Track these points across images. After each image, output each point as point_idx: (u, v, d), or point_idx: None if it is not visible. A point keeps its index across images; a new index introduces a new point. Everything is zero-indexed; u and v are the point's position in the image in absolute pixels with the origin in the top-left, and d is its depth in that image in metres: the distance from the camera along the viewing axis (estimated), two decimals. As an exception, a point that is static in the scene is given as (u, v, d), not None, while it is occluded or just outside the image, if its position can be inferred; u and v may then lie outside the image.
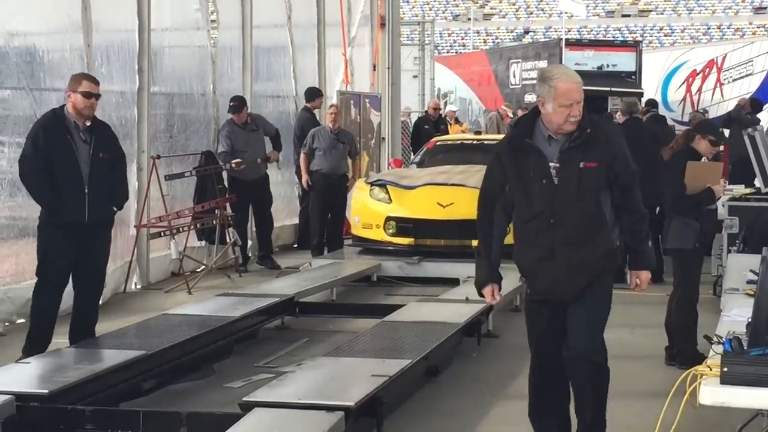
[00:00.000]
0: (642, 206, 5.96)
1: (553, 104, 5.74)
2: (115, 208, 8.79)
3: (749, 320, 4.78)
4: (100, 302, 11.05)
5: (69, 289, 8.72)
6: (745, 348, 4.54)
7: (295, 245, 16.32)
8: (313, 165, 14.68)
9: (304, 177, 14.83)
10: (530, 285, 6.04)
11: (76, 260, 8.53)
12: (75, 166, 8.36)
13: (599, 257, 5.81)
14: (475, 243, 12.88)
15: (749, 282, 6.63)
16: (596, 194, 5.75)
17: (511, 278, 11.56)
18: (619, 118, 14.34)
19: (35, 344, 8.39)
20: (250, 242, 14.62)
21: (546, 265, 5.83)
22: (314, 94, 16.21)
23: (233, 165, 13.67)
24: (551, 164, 5.74)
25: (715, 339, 4.88)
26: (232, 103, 13.90)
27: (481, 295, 6.12)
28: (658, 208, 10.99)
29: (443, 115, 24.46)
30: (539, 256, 5.84)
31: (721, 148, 9.59)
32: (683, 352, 8.62)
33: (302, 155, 14.77)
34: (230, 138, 13.87)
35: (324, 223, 14.85)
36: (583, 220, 5.74)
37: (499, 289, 6.08)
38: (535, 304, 6.07)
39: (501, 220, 5.97)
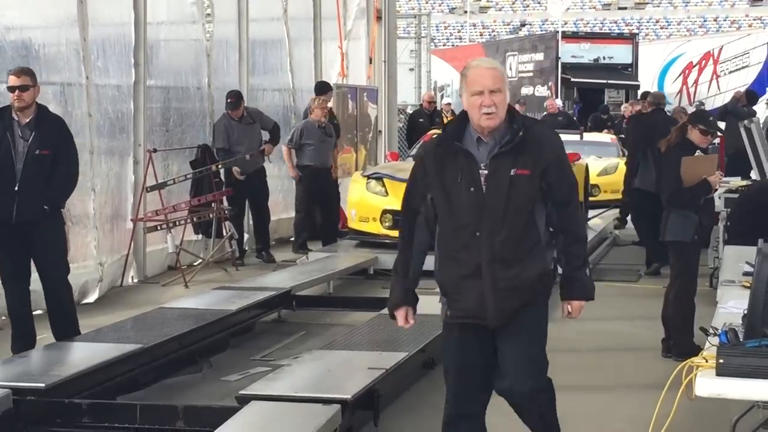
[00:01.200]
0: (582, 227, 5.37)
1: (466, 95, 5.16)
2: (46, 207, 8.29)
3: (745, 312, 4.79)
4: (97, 296, 11.16)
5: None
6: (741, 340, 4.55)
7: (293, 238, 16.32)
8: (303, 159, 14.62)
9: (292, 171, 14.77)
10: (451, 306, 5.25)
11: (33, 260, 8.42)
12: (9, 163, 8.16)
13: (531, 279, 5.15)
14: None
15: (745, 274, 6.64)
16: (529, 206, 5.09)
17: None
18: (646, 107, 14.50)
19: (20, 342, 8.37)
20: (246, 236, 14.62)
21: (470, 284, 5.11)
22: (324, 88, 16.18)
23: (236, 173, 13.74)
24: (481, 171, 5.08)
25: (711, 331, 4.88)
26: (229, 100, 13.89)
27: (393, 318, 5.45)
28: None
29: (438, 108, 24.42)
30: (463, 274, 5.12)
31: (717, 140, 9.62)
32: (680, 344, 8.64)
33: (288, 149, 14.66)
34: (227, 132, 13.87)
35: (313, 218, 14.87)
36: (514, 235, 5.07)
37: (414, 313, 5.41)
38: (456, 328, 5.29)
39: (423, 234, 5.27)
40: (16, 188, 8.17)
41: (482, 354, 5.27)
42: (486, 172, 5.08)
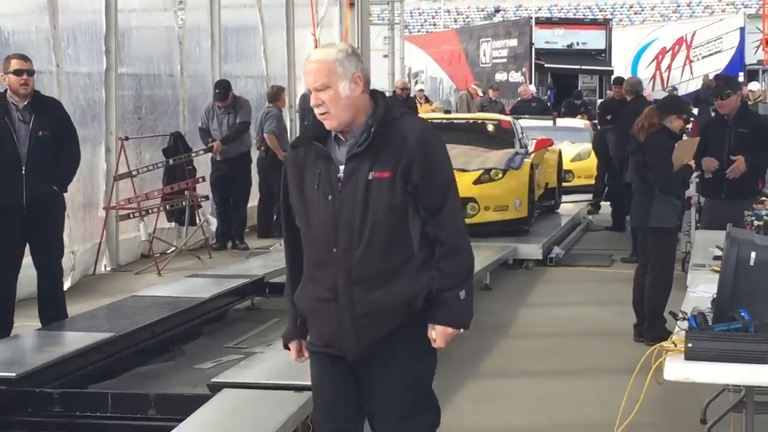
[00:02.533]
0: (460, 238, 4.35)
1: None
2: (55, 188, 8.51)
3: (714, 296, 4.81)
4: (70, 284, 11.11)
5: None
6: (710, 324, 4.56)
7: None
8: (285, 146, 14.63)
9: (282, 154, 14.77)
10: (310, 331, 4.50)
11: (29, 244, 8.48)
12: (13, 147, 8.20)
13: (396, 305, 4.28)
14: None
15: (715, 258, 6.66)
16: (393, 215, 4.26)
17: (480, 256, 11.69)
18: (619, 94, 14.52)
19: None
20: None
21: (327, 308, 4.34)
22: None
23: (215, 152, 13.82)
24: (339, 175, 4.31)
25: (680, 315, 4.89)
26: (216, 90, 13.92)
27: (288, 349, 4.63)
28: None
29: (412, 95, 24.42)
30: (319, 296, 4.36)
31: (689, 126, 9.70)
32: (653, 328, 8.67)
33: (271, 136, 14.59)
34: (207, 114, 13.98)
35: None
36: (375, 251, 4.26)
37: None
38: (316, 355, 4.51)
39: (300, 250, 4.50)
40: (23, 171, 8.23)
41: (347, 386, 4.46)
42: (342, 176, 4.31)
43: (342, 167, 4.30)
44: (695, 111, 21.70)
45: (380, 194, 4.25)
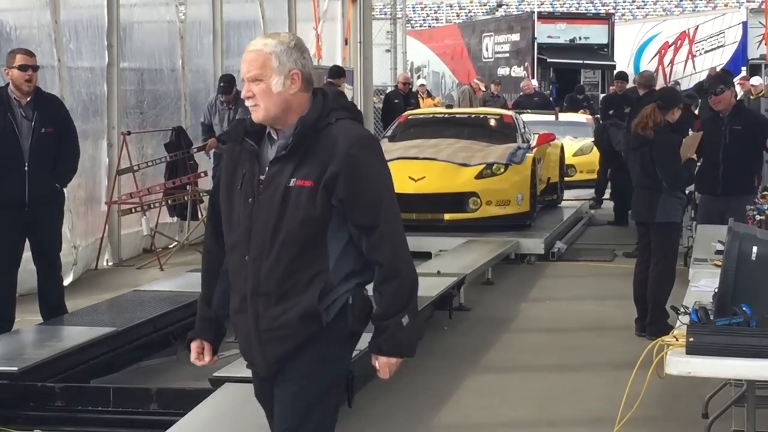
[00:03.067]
0: (400, 261, 3.97)
1: None
2: (57, 185, 8.54)
3: (716, 290, 4.81)
4: (72, 279, 11.11)
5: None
6: (712, 318, 4.56)
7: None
8: None
9: None
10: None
11: (29, 240, 8.48)
12: (15, 144, 8.20)
13: (297, 320, 3.96)
14: (447, 216, 13.15)
15: (717, 252, 6.66)
16: (310, 228, 3.93)
17: (482, 250, 11.71)
18: (638, 89, 14.48)
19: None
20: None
21: (239, 320, 4.10)
22: (339, 73, 16.71)
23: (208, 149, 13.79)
24: (263, 177, 4.02)
25: (681, 309, 4.89)
26: (221, 84, 13.88)
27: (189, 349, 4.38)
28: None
29: (414, 90, 24.40)
30: (235, 306, 4.11)
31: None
32: (655, 323, 8.67)
33: None
34: (209, 110, 13.95)
35: None
36: (283, 264, 3.95)
37: (213, 349, 4.34)
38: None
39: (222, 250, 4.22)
40: (26, 168, 8.23)
41: (270, 406, 4.19)
42: (263, 177, 4.02)
43: (267, 169, 4.01)
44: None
45: (298, 204, 3.93)
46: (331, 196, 3.91)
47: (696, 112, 16.27)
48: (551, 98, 28.96)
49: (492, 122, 15.71)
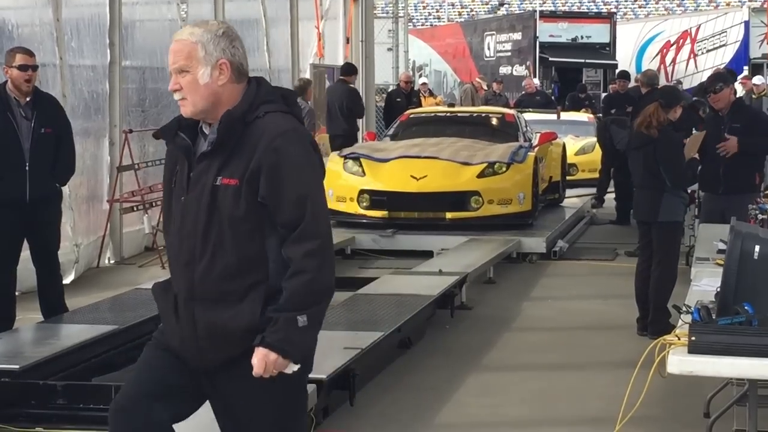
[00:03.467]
0: (315, 260, 3.70)
1: None
2: (57, 185, 8.65)
3: (718, 289, 4.80)
4: (73, 277, 11.11)
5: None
6: (714, 317, 4.56)
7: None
8: None
9: None
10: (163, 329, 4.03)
11: (28, 238, 8.49)
12: (16, 143, 8.20)
13: (240, 330, 3.75)
14: (449, 215, 13.14)
15: (719, 251, 6.65)
16: (241, 229, 3.72)
17: (484, 249, 11.70)
18: (641, 87, 14.44)
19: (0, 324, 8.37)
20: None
21: (170, 319, 3.92)
22: (351, 70, 17.00)
23: None
24: (192, 173, 3.83)
25: (683, 309, 4.89)
26: None
27: None
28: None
29: (416, 88, 24.42)
30: (166, 305, 3.94)
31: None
32: (657, 322, 8.66)
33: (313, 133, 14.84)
34: None
35: None
36: (217, 268, 3.75)
37: None
38: (160, 348, 4.01)
39: None
40: (27, 167, 8.24)
41: (171, 380, 3.97)
42: (193, 176, 3.82)
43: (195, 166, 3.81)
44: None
45: (225, 203, 3.71)
46: (256, 195, 3.70)
47: (703, 116, 16.23)
48: (553, 97, 28.95)
49: (494, 121, 15.70)
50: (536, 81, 28.54)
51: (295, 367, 3.75)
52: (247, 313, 3.72)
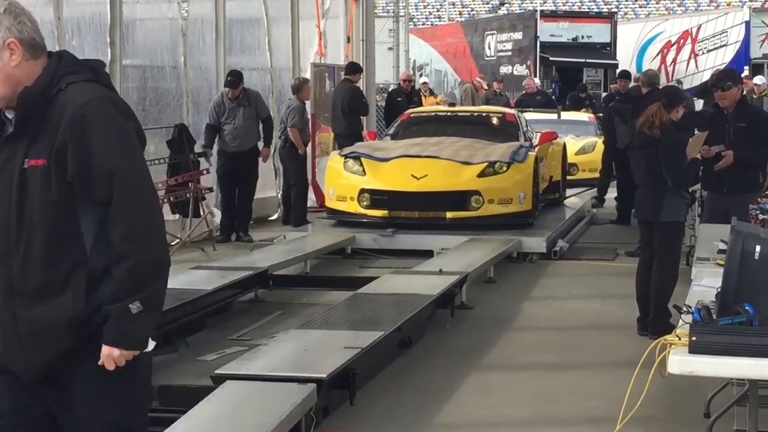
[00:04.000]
0: (135, 242, 3.53)
1: None
2: None
3: (718, 290, 4.80)
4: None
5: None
6: (714, 317, 4.55)
7: (271, 218, 16.33)
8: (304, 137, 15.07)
9: (303, 148, 15.04)
10: None
11: None
12: None
13: (62, 323, 3.53)
14: (449, 215, 13.14)
15: (720, 252, 6.65)
16: (52, 213, 3.51)
17: (484, 249, 11.70)
18: (642, 87, 14.41)
19: None
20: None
21: None
22: (355, 69, 17.22)
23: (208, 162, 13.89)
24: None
25: (684, 309, 4.89)
26: (229, 78, 13.99)
27: None
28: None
29: (416, 88, 24.42)
30: None
31: None
32: (658, 322, 8.65)
33: (294, 130, 14.83)
34: (215, 110, 13.97)
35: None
36: (36, 258, 3.53)
37: None
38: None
39: None
40: None
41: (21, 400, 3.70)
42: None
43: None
44: (701, 102, 21.70)
45: (35, 187, 3.49)
46: (65, 173, 3.47)
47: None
48: (554, 97, 28.93)
49: (494, 121, 15.70)
50: (537, 80, 28.54)
51: (151, 346, 3.68)
52: (69, 304, 3.52)
